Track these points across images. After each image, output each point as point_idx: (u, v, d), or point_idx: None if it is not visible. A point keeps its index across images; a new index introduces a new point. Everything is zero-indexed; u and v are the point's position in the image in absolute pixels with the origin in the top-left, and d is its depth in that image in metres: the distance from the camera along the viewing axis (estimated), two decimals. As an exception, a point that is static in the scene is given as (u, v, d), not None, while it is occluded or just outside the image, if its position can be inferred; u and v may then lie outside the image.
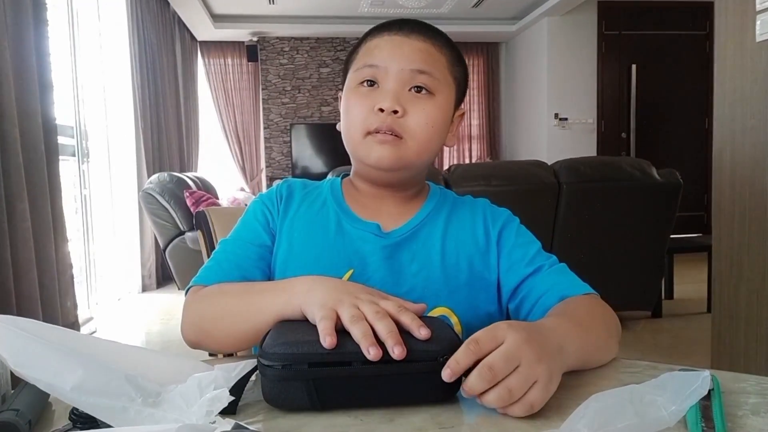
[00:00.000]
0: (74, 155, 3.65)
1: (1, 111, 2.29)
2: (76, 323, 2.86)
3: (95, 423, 0.46)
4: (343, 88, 0.82)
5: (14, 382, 0.52)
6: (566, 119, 5.89)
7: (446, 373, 0.50)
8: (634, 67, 5.74)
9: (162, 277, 4.70)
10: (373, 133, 0.75)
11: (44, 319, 2.41)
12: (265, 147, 6.76)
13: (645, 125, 5.83)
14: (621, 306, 2.80)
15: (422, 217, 0.82)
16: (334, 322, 0.54)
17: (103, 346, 0.53)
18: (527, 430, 0.48)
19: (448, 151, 7.10)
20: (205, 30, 6.17)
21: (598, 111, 5.94)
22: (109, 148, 4.32)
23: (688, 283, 3.97)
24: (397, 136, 0.74)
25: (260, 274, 0.78)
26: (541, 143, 6.09)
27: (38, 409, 0.52)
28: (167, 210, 4.16)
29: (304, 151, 6.65)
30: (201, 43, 6.56)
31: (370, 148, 0.75)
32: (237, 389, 0.51)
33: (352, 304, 0.56)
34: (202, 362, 0.56)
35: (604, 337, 0.67)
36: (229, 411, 0.49)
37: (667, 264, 3.49)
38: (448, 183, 2.63)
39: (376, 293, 0.61)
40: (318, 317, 0.55)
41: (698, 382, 0.47)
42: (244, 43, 6.57)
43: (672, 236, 3.04)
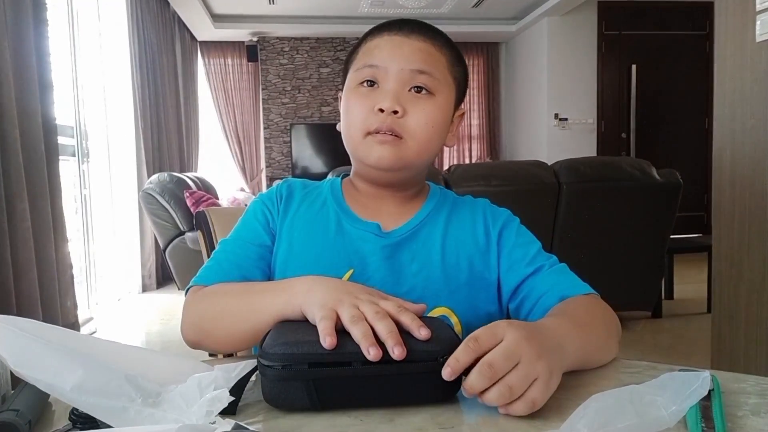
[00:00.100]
0: (74, 155, 3.65)
1: (1, 111, 2.29)
2: (76, 323, 2.86)
3: (95, 423, 0.46)
4: (343, 89, 0.83)
5: (14, 382, 0.52)
6: (566, 119, 5.89)
7: (446, 372, 0.50)
8: (634, 67, 5.74)
9: (162, 277, 4.70)
10: (373, 133, 0.75)
11: (44, 319, 2.41)
12: (265, 147, 6.76)
13: (645, 125, 5.83)
14: (621, 306, 2.80)
15: (422, 217, 0.82)
16: (334, 322, 0.53)
17: (103, 346, 0.53)
18: (527, 430, 0.48)
19: (448, 151, 7.10)
20: (205, 30, 6.17)
21: (598, 111, 5.94)
22: (109, 148, 4.32)
23: (688, 283, 3.97)
24: (397, 136, 0.75)
25: (260, 274, 0.78)
26: (541, 143, 6.09)
27: (38, 409, 0.52)
28: (167, 210, 4.16)
29: (304, 151, 6.65)
30: (201, 43, 6.56)
31: (370, 148, 0.75)
32: (237, 389, 0.51)
33: (352, 304, 0.56)
34: (202, 362, 0.56)
35: (603, 337, 0.67)
36: (229, 411, 0.49)
37: (667, 264, 3.49)
38: (448, 183, 2.63)
39: (376, 293, 0.60)
40: (318, 317, 0.55)
41: (698, 382, 0.47)
42: (244, 43, 6.57)
43: (672, 236, 3.04)
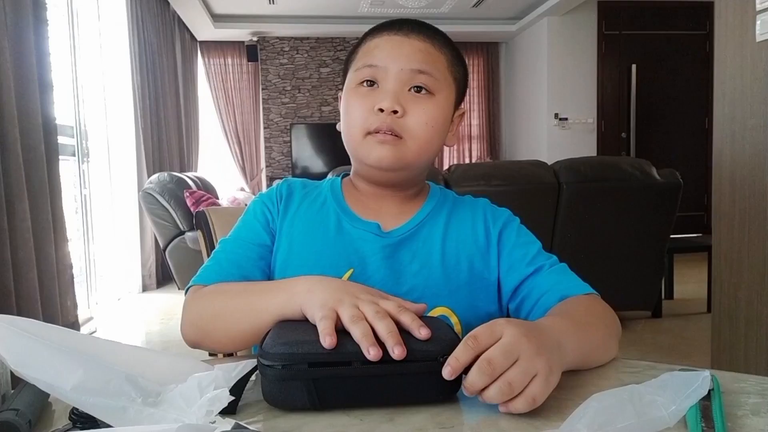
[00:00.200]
0: (74, 155, 3.65)
1: (1, 111, 2.29)
2: (76, 323, 2.86)
3: (95, 423, 0.46)
4: (342, 88, 0.83)
5: (14, 382, 0.52)
6: (566, 119, 5.89)
7: (446, 371, 0.50)
8: (634, 67, 5.74)
9: (162, 277, 4.70)
10: (373, 133, 0.75)
11: (44, 319, 2.41)
12: (265, 147, 6.76)
13: (645, 125, 5.83)
14: (621, 306, 2.80)
15: (422, 217, 0.82)
16: (334, 322, 0.53)
17: (103, 346, 0.53)
18: (527, 430, 0.48)
19: (448, 151, 7.10)
20: (205, 30, 6.16)
21: (598, 111, 5.94)
22: (109, 148, 4.32)
23: (688, 283, 3.97)
24: (397, 136, 0.74)
25: (260, 273, 0.78)
26: (541, 143, 6.09)
27: (38, 409, 0.52)
28: (167, 210, 4.16)
29: (304, 151, 6.65)
30: (201, 43, 6.56)
31: (370, 148, 0.75)
32: (237, 389, 0.51)
33: (352, 304, 0.56)
34: (202, 362, 0.56)
35: (603, 337, 0.67)
36: (229, 411, 0.49)
37: (667, 264, 3.49)
38: (448, 183, 2.63)
39: (377, 293, 0.60)
40: (318, 317, 0.55)
41: (698, 382, 0.47)
42: (244, 43, 6.57)
43: (672, 236, 3.04)
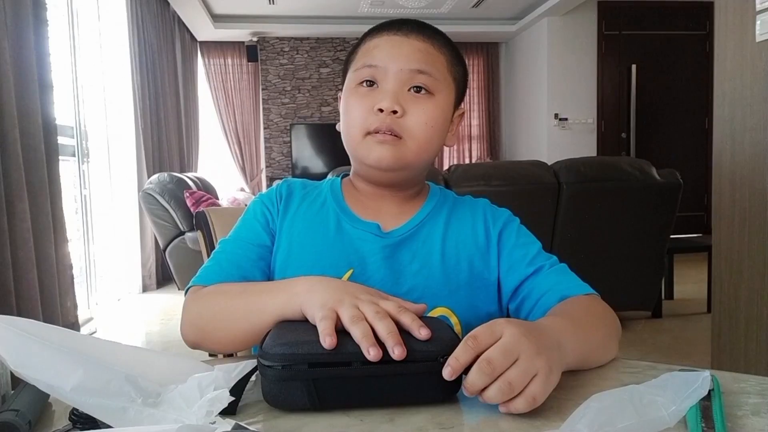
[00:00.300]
0: (74, 155, 3.65)
1: (1, 111, 2.29)
2: (76, 323, 2.86)
3: (95, 423, 0.46)
4: (342, 89, 0.83)
5: (14, 382, 0.52)
6: (566, 119, 5.89)
7: (447, 372, 0.50)
8: (634, 67, 5.74)
9: (162, 277, 4.70)
10: (373, 133, 0.75)
11: (44, 319, 2.41)
12: (265, 147, 6.76)
13: (645, 125, 5.83)
14: (621, 306, 2.81)
15: (422, 217, 0.82)
16: (334, 323, 0.53)
17: (103, 346, 0.53)
18: (527, 430, 0.48)
19: (448, 151, 7.10)
20: (205, 30, 6.16)
21: (598, 111, 5.94)
22: (109, 148, 4.32)
23: (688, 283, 3.97)
24: (396, 136, 0.74)
25: (260, 274, 0.78)
26: (541, 143, 6.09)
27: (38, 409, 0.52)
28: (167, 210, 4.16)
29: (304, 151, 6.65)
30: (201, 43, 6.56)
31: (370, 148, 0.75)
32: (237, 389, 0.51)
33: (353, 304, 0.56)
34: (202, 362, 0.56)
35: (603, 337, 0.67)
36: (229, 411, 0.49)
37: (667, 264, 3.49)
38: (448, 183, 2.63)
39: (377, 293, 0.60)
40: (318, 317, 0.55)
41: (698, 382, 0.47)
42: (244, 43, 6.57)
43: (672, 236, 3.04)
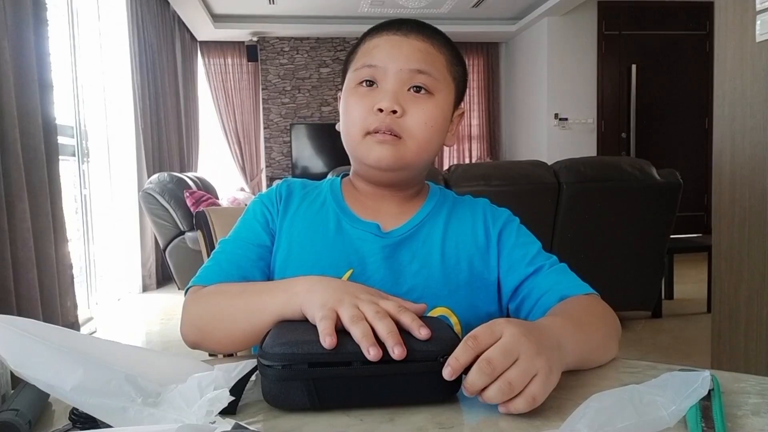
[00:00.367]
0: (74, 155, 3.65)
1: (1, 111, 2.29)
2: (76, 323, 2.86)
3: (95, 423, 0.46)
4: (342, 89, 0.83)
5: (14, 382, 0.52)
6: (566, 119, 5.89)
7: (447, 372, 0.50)
8: (634, 67, 5.74)
9: (162, 277, 4.70)
10: (373, 133, 0.75)
11: (44, 319, 2.41)
12: (265, 147, 6.76)
13: (645, 125, 5.83)
14: (621, 306, 2.81)
15: (422, 217, 0.82)
16: (334, 322, 0.53)
17: (103, 346, 0.53)
18: (527, 430, 0.48)
19: (448, 151, 7.10)
20: (205, 30, 6.16)
21: (598, 111, 5.94)
22: (109, 148, 4.32)
23: (688, 283, 3.97)
24: (396, 136, 0.74)
25: (260, 274, 0.78)
26: (541, 143, 6.09)
27: (38, 409, 0.52)
28: (167, 210, 4.16)
29: (304, 151, 6.65)
30: (201, 43, 6.56)
31: (370, 148, 0.75)
32: (237, 389, 0.51)
33: (353, 304, 0.55)
34: (202, 362, 0.56)
35: (603, 337, 0.67)
36: (229, 411, 0.49)
37: (667, 264, 3.49)
38: (448, 183, 2.63)
39: (376, 293, 0.60)
40: (318, 317, 0.55)
41: (698, 382, 0.47)
42: (244, 43, 6.57)
43: (672, 236, 3.04)
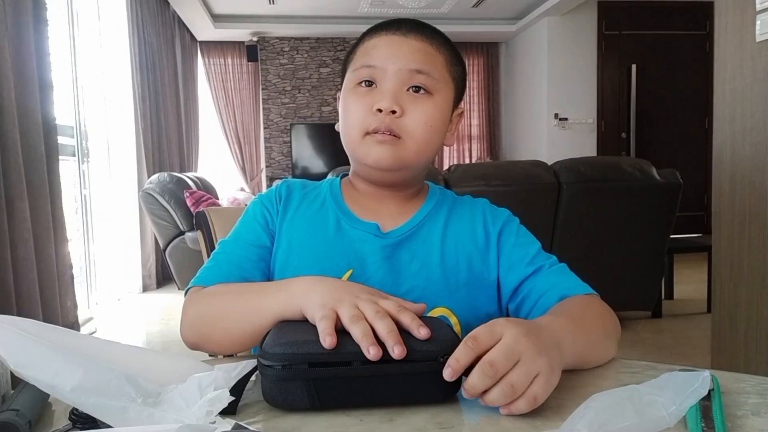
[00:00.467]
0: (74, 155, 3.65)
1: (1, 111, 2.29)
2: (76, 323, 2.86)
3: (95, 423, 0.46)
4: (341, 89, 0.83)
5: (14, 382, 0.52)
6: (566, 119, 5.89)
7: (447, 373, 0.49)
8: (634, 67, 5.74)
9: (162, 277, 4.70)
10: (372, 133, 0.75)
11: (44, 319, 2.41)
12: (265, 147, 6.76)
13: (645, 125, 5.83)
14: (621, 306, 2.81)
15: (422, 217, 0.82)
16: (334, 322, 0.53)
17: (103, 346, 0.53)
18: (527, 430, 0.48)
19: (448, 151, 7.10)
20: (205, 30, 6.16)
21: (598, 111, 5.94)
22: (109, 148, 4.32)
23: (688, 283, 3.97)
24: (395, 136, 0.74)
25: (260, 274, 0.78)
26: (541, 143, 6.09)
27: (38, 409, 0.52)
28: (167, 210, 4.16)
29: (304, 151, 6.65)
30: (201, 43, 6.56)
31: (369, 148, 0.75)
32: (237, 389, 0.51)
33: (352, 303, 0.55)
34: (202, 362, 0.56)
35: (601, 336, 0.67)
36: (229, 411, 0.49)
37: (667, 264, 3.49)
38: (448, 183, 2.63)
39: (376, 293, 0.60)
40: (318, 317, 0.55)
41: (698, 382, 0.47)
42: (244, 43, 6.57)
43: (672, 236, 3.03)
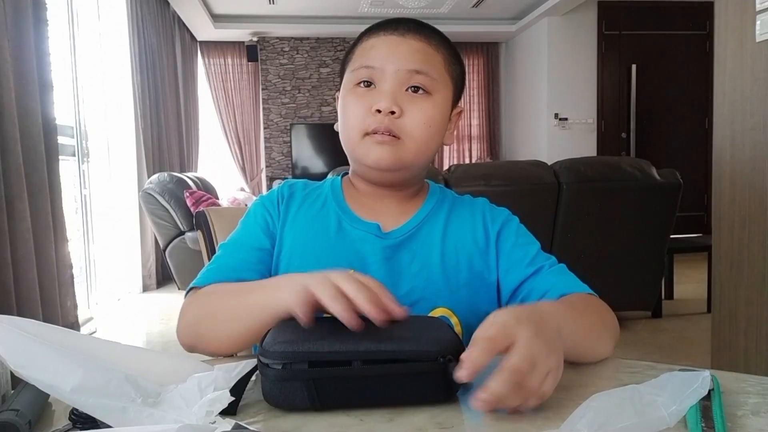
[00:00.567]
0: (74, 155, 3.65)
1: (1, 111, 2.29)
2: (76, 323, 2.86)
3: (95, 423, 0.46)
4: (340, 89, 0.82)
5: (14, 382, 0.52)
6: (566, 119, 5.89)
7: (463, 374, 0.49)
8: (634, 67, 5.74)
9: (162, 277, 4.70)
10: (371, 134, 0.75)
11: (44, 319, 2.41)
12: (265, 147, 6.76)
13: (645, 125, 5.83)
14: (621, 306, 2.81)
15: (422, 217, 0.81)
16: (311, 306, 0.55)
17: (103, 347, 0.53)
18: (527, 430, 0.48)
19: (448, 151, 7.10)
20: (205, 30, 6.16)
21: (598, 111, 5.94)
22: (109, 148, 4.32)
23: (688, 283, 3.97)
24: (395, 137, 0.74)
25: (259, 277, 0.77)
26: (541, 143, 6.09)
27: (38, 409, 0.52)
28: (167, 210, 4.16)
29: (304, 151, 6.65)
30: (201, 43, 6.56)
31: (369, 149, 0.75)
32: (237, 389, 0.51)
33: (330, 284, 0.56)
34: (202, 362, 0.56)
35: (599, 329, 0.68)
36: (229, 411, 0.49)
37: (667, 264, 3.49)
38: (448, 183, 2.63)
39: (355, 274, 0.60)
40: (294, 304, 0.56)
41: (698, 382, 0.47)
42: (244, 43, 6.57)
43: (672, 236, 3.03)
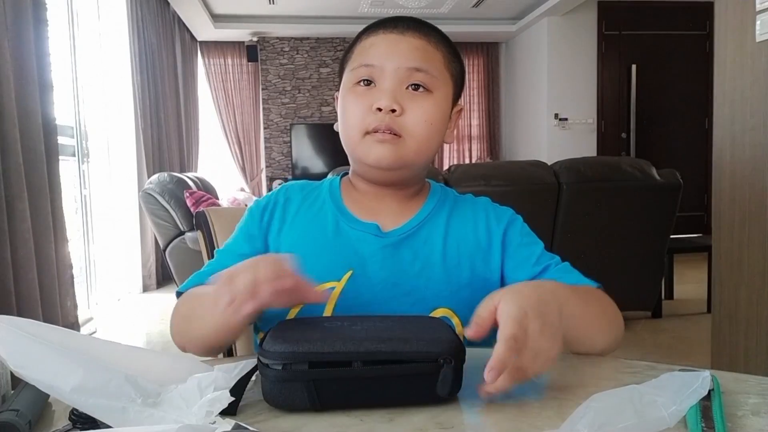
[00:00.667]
0: (74, 155, 3.65)
1: (1, 111, 2.29)
2: (76, 323, 2.86)
3: (95, 423, 0.46)
4: (339, 88, 0.82)
5: (14, 382, 0.52)
6: (566, 119, 5.89)
7: (490, 375, 0.50)
8: (634, 67, 5.74)
9: (162, 277, 4.70)
10: (372, 132, 0.74)
11: (44, 319, 2.41)
12: (265, 147, 6.76)
13: (645, 125, 5.83)
14: (621, 306, 2.79)
15: (423, 216, 0.81)
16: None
17: (103, 347, 0.53)
18: (527, 431, 0.48)
19: (448, 151, 7.10)
20: (205, 30, 6.16)
21: (598, 111, 5.94)
22: (109, 148, 4.32)
23: (688, 283, 3.97)
24: (395, 135, 0.74)
25: None
26: (541, 143, 6.09)
27: (38, 409, 0.52)
28: (167, 210, 4.15)
29: (304, 151, 6.64)
30: (201, 43, 6.56)
31: (369, 147, 0.75)
32: (237, 390, 0.51)
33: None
34: (202, 362, 0.56)
35: (599, 315, 0.70)
36: (229, 412, 0.49)
37: (667, 264, 3.49)
38: (447, 183, 2.63)
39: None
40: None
41: (698, 382, 0.47)
42: (244, 43, 6.57)
43: (672, 236, 3.03)
